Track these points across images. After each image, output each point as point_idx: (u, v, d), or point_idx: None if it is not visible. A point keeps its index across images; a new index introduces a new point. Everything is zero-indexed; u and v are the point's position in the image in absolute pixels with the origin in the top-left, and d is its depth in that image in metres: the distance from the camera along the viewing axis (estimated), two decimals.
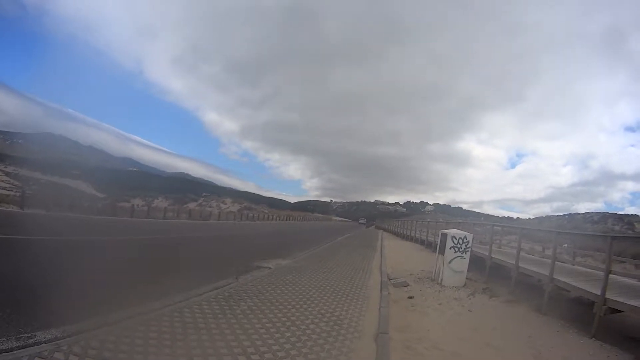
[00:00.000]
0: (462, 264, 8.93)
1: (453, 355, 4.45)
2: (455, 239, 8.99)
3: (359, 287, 7.89)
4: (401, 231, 33.49)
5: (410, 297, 7.43)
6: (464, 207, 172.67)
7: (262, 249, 12.60)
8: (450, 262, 8.86)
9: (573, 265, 10.10)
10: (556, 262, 7.36)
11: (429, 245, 18.43)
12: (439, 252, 9.46)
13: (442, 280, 8.83)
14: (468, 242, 9.02)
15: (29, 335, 3.51)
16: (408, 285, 8.70)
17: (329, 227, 45.14)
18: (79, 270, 6.30)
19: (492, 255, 10.01)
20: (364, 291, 7.51)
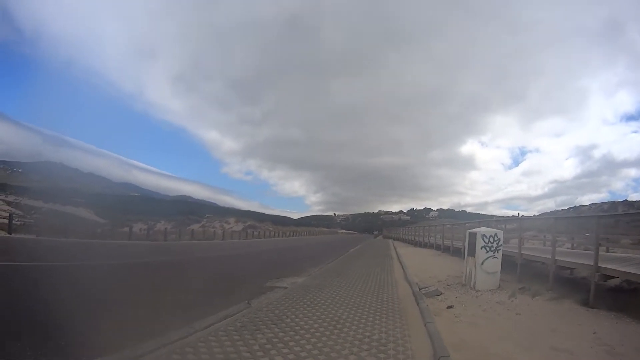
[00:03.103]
0: (495, 264, 8.16)
1: None
2: (486, 237, 8.20)
3: (390, 301, 6.90)
4: (411, 238, 33.02)
5: (450, 307, 6.54)
6: (468, 210, 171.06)
7: (273, 267, 11.49)
8: (482, 264, 8.10)
9: (607, 252, 9.59)
10: (585, 251, 7.39)
11: (446, 250, 17.99)
12: (468, 254, 8.68)
13: (475, 284, 8.08)
14: (499, 239, 8.25)
15: None
16: (441, 293, 7.81)
17: (336, 240, 43.86)
18: (64, 301, 5.20)
19: (523, 252, 9.28)
20: (397, 305, 6.56)
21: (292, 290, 7.41)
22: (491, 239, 8.18)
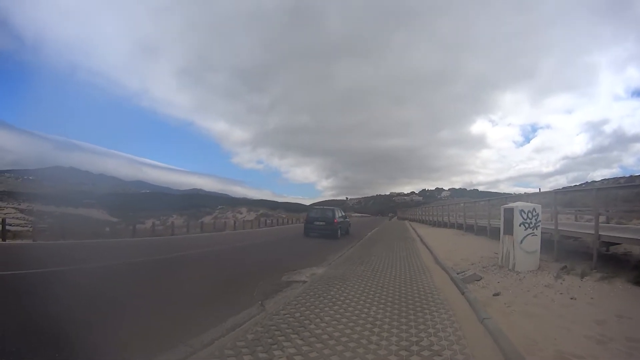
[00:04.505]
0: (535, 242, 7.31)
1: None
2: (524, 212, 7.35)
3: (427, 291, 5.96)
4: (428, 218, 32.23)
5: (496, 295, 5.61)
6: (480, 188, 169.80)
7: (288, 257, 10.52)
8: (521, 242, 7.28)
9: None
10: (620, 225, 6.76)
11: (469, 229, 17.24)
12: (504, 232, 7.75)
13: (514, 265, 7.27)
14: (537, 214, 7.40)
15: None
16: (481, 278, 6.87)
17: (351, 224, 42.86)
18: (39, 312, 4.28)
19: (560, 228, 8.32)
20: (437, 296, 5.62)
21: (312, 284, 6.40)
22: (530, 215, 7.32)
